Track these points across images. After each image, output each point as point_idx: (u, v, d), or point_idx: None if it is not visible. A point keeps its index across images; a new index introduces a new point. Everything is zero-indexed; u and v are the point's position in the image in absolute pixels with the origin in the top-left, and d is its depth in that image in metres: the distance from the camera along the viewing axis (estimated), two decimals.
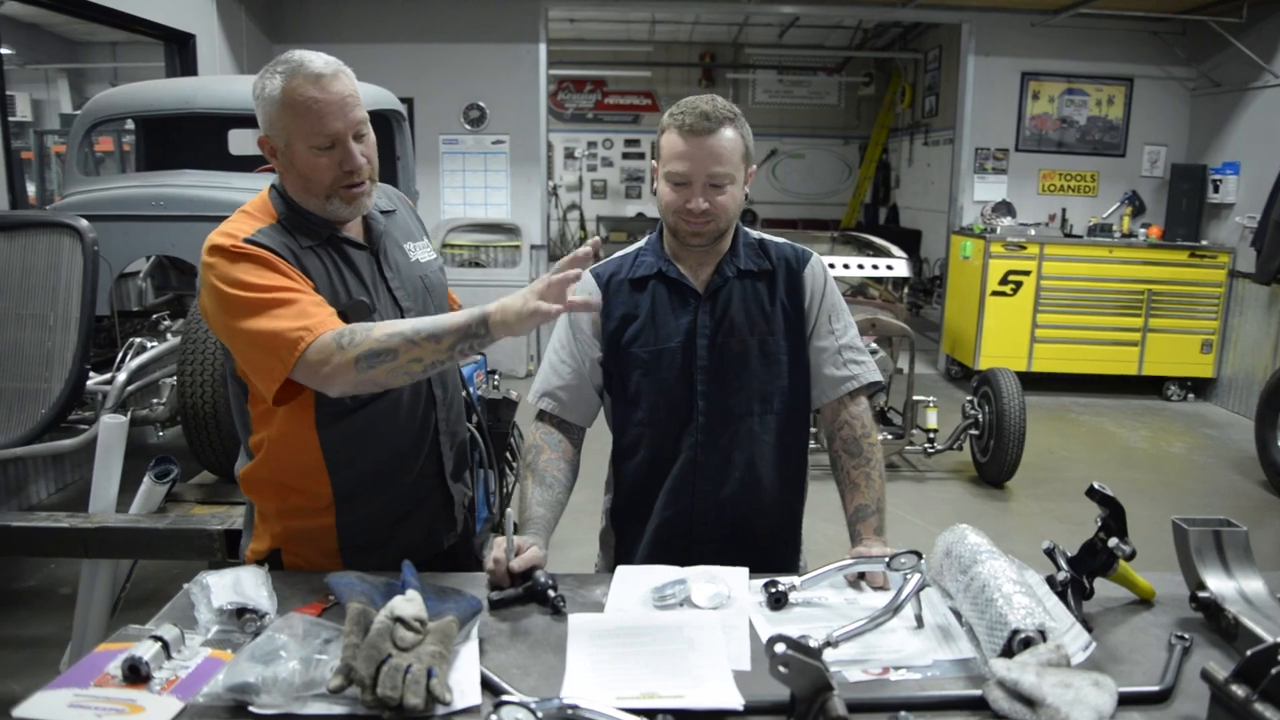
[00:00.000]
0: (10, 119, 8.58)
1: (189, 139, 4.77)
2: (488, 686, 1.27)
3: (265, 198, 1.69)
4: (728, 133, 1.72)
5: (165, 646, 1.32)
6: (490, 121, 7.79)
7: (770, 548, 1.92)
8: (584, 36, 12.59)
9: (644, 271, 1.87)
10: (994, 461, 5.19)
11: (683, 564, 1.64)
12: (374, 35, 7.55)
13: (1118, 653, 1.43)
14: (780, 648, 1.15)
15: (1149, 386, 7.44)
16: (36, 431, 2.94)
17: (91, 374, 3.15)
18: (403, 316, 1.69)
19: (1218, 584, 1.53)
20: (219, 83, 5.14)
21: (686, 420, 1.84)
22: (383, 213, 1.79)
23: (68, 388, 2.97)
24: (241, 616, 1.41)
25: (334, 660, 1.23)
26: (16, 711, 1.22)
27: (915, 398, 5.45)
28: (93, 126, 4.32)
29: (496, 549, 1.57)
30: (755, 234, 1.93)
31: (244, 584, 1.47)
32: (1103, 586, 1.59)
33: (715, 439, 1.85)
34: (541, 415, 1.90)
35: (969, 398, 5.45)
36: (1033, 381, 7.10)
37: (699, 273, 1.85)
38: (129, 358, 3.25)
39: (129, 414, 3.10)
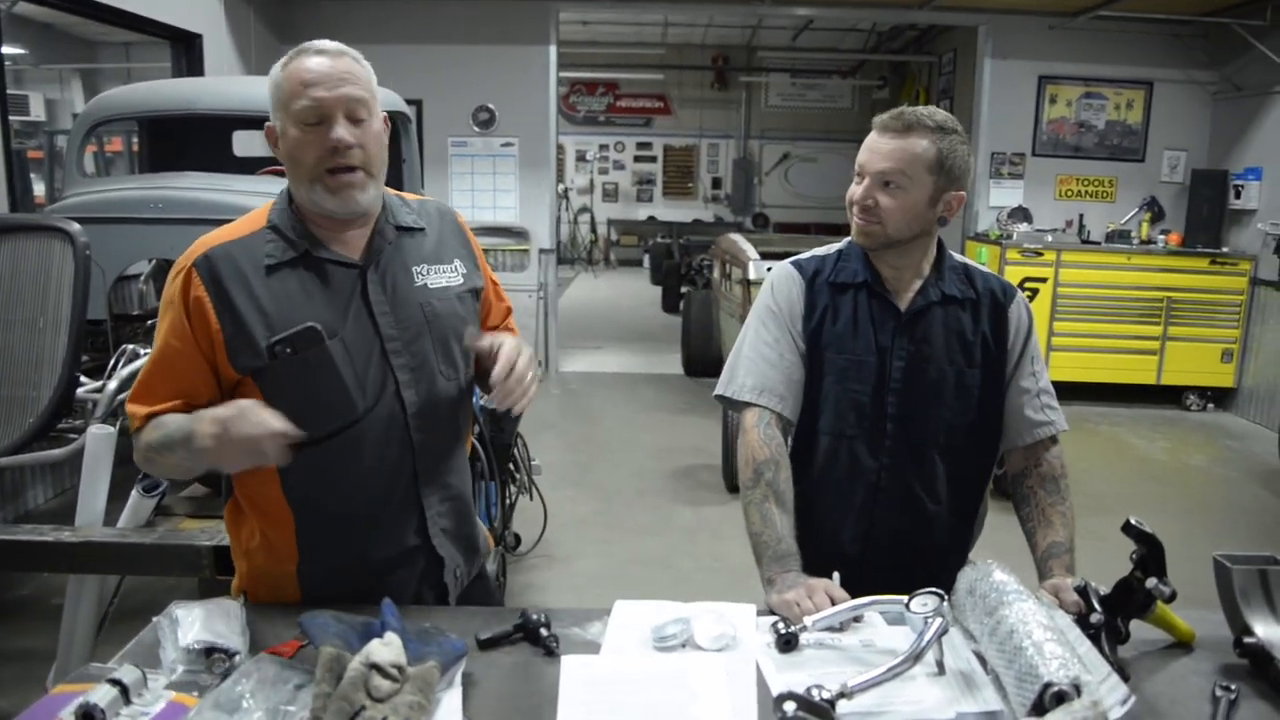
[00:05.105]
0: (24, 118, 8.64)
1: (194, 141, 4.68)
2: None
3: (274, 200, 1.61)
4: (919, 140, 1.68)
5: (124, 691, 1.22)
6: (500, 124, 7.71)
7: (940, 569, 1.77)
8: (596, 39, 12.52)
9: (847, 278, 1.81)
10: (1005, 474, 5.05)
11: (850, 587, 1.54)
12: (383, 36, 7.46)
13: (1157, 705, 1.32)
14: (789, 706, 1.05)
15: (1168, 396, 7.29)
16: (24, 440, 2.83)
17: (84, 381, 3.06)
18: (382, 343, 1.56)
19: (1266, 629, 1.41)
20: (222, 83, 5.07)
21: (870, 439, 1.79)
22: (404, 228, 1.63)
23: (56, 395, 2.86)
24: (210, 656, 1.31)
25: (303, 711, 1.14)
26: None
27: None
28: (93, 127, 4.23)
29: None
30: (959, 259, 1.88)
31: (215, 619, 1.36)
32: (1137, 628, 1.48)
33: (899, 465, 1.80)
34: (758, 414, 1.77)
35: None
36: None
37: (900, 288, 1.81)
38: (121, 365, 3.14)
39: (120, 423, 3.00)
